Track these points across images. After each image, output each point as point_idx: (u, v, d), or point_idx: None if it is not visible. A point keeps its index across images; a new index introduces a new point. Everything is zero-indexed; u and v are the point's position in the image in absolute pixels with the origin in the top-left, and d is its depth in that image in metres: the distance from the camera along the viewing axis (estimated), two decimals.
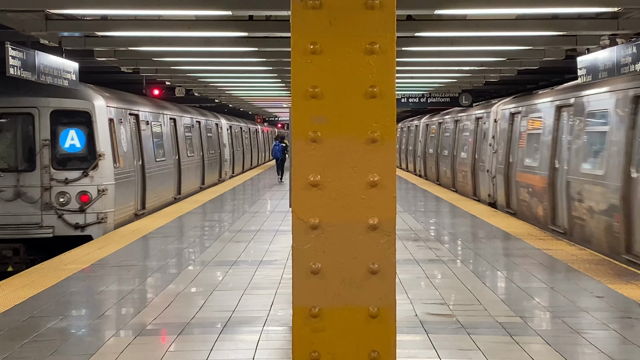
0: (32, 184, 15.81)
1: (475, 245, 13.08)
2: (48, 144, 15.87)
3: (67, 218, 15.83)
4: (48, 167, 15.82)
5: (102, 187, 16.10)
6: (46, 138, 15.87)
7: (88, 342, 6.92)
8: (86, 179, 15.98)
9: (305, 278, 4.09)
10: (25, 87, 15.89)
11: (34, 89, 15.94)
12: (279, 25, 12.24)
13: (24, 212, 15.70)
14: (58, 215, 15.80)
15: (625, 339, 7.02)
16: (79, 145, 16.18)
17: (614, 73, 14.51)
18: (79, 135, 16.17)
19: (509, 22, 12.59)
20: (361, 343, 4.12)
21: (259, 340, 6.99)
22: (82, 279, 9.94)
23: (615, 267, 10.55)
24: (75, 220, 15.88)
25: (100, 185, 16.10)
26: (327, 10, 4.01)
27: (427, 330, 7.27)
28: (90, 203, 15.99)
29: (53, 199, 15.80)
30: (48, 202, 15.79)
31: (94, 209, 16.00)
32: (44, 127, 15.92)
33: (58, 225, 15.84)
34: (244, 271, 10.50)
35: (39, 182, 15.83)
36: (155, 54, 16.07)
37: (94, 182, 16.08)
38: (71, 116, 16.19)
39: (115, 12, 11.87)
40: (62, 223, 15.84)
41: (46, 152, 15.84)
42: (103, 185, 16.13)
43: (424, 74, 21.04)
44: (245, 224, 16.03)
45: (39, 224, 15.75)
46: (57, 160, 15.96)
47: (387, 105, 4.06)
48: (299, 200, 4.08)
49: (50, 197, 15.80)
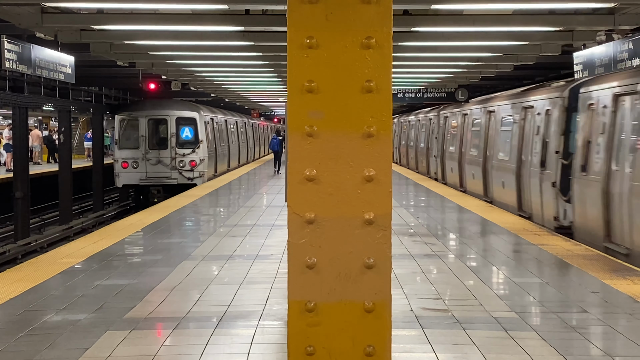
0: (166, 156, 29.32)
1: (470, 241, 13.09)
2: (174, 135, 29.48)
3: (184, 174, 29.39)
4: (174, 147, 29.42)
5: (201, 158, 29.59)
6: (173, 132, 29.49)
7: (83, 336, 6.92)
8: (193, 154, 29.44)
9: (300, 273, 4.09)
10: (162, 105, 29.88)
11: (169, 106, 29.87)
12: (276, 19, 12.21)
13: (162, 171, 29.26)
14: (179, 172, 29.34)
15: (620, 334, 7.03)
16: (190, 135, 29.71)
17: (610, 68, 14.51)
18: (190, 130, 29.68)
19: (505, 18, 12.59)
20: (357, 338, 4.12)
21: (255, 334, 6.99)
22: (77, 273, 9.93)
23: (611, 262, 10.57)
24: (188, 175, 29.43)
25: (200, 157, 29.56)
26: (324, 4, 4.01)
27: (423, 325, 7.28)
28: (196, 166, 29.47)
29: (176, 164, 29.28)
30: (174, 165, 29.35)
31: (197, 169, 29.48)
32: (172, 126, 29.49)
33: (179, 177, 29.32)
34: (240, 266, 10.49)
35: (169, 155, 29.34)
36: (151, 48, 16.03)
37: (197, 156, 29.51)
38: (185, 120, 29.73)
39: (111, 5, 11.84)
40: (181, 177, 29.36)
41: (173, 139, 29.47)
42: (201, 157, 29.60)
43: (421, 69, 21.03)
44: (241, 219, 16.03)
45: (169, 177, 29.34)
46: (179, 143, 29.52)
47: (383, 100, 4.06)
48: (295, 195, 4.08)
49: (175, 163, 29.29)
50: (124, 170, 29.01)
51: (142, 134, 29.11)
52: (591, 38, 14.35)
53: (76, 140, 46.62)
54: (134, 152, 29.04)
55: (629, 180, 11.84)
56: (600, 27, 13.32)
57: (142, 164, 29.07)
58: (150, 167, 28.95)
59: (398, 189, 23.67)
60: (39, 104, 26.38)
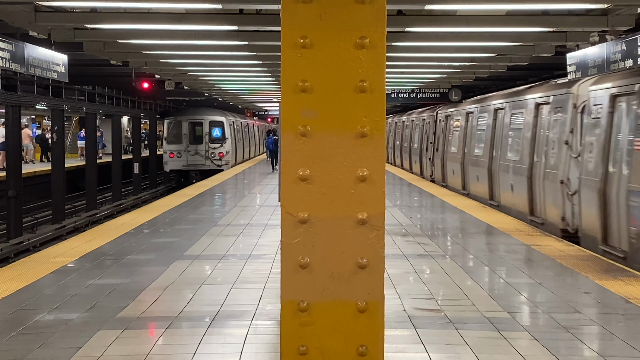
0: (201, 149, 40.10)
1: (463, 241, 13.10)
2: (207, 133, 40.22)
3: (214, 162, 39.86)
4: (207, 142, 40.14)
5: (227, 150, 40.32)
6: (207, 131, 40.25)
7: (76, 335, 6.90)
8: (221, 147, 40.18)
9: (293, 272, 4.09)
10: (199, 111, 40.77)
11: (204, 112, 40.70)
12: (270, 19, 12.21)
13: (198, 160, 40.01)
14: (211, 161, 39.96)
15: (612, 334, 7.05)
16: (219, 134, 40.37)
17: (603, 69, 14.54)
18: (219, 130, 40.39)
19: (499, 18, 12.60)
20: (349, 337, 4.12)
21: (247, 334, 6.98)
22: (70, 272, 9.91)
23: (603, 263, 10.59)
24: (217, 163, 39.78)
25: (226, 150, 40.29)
26: (318, 4, 4.00)
27: (415, 325, 7.28)
28: (224, 157, 40.13)
29: (209, 155, 39.97)
30: (207, 156, 39.97)
31: (224, 158, 40.07)
32: (206, 127, 40.29)
33: (211, 165, 39.76)
34: (233, 265, 10.49)
35: (203, 148, 40.16)
36: (145, 47, 16.01)
37: (224, 149, 40.21)
38: (216, 123, 40.57)
39: (105, 4, 11.82)
40: (212, 164, 39.78)
41: (207, 137, 40.20)
42: (227, 150, 40.33)
43: (414, 69, 21.03)
44: (235, 218, 16.02)
45: (204, 164, 39.83)
46: (211, 139, 40.24)
47: (376, 100, 4.06)
48: (288, 195, 4.08)
49: (208, 154, 39.99)
50: (171, 159, 40.35)
51: (184, 133, 40.25)
52: (584, 39, 14.36)
53: (69, 139, 46.55)
54: (178, 146, 40.11)
55: None
56: (593, 28, 13.34)
57: (184, 154, 40.11)
58: (190, 157, 40.14)
59: (392, 189, 23.69)
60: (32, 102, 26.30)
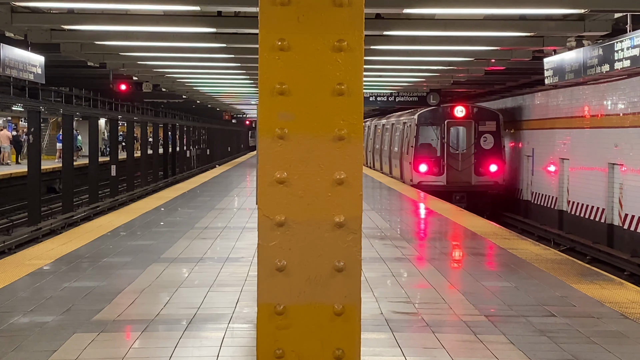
0: None
1: (441, 244, 13.13)
2: None
3: None
4: None
5: None
6: None
7: (51, 338, 6.85)
8: None
9: (270, 275, 4.08)
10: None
11: None
12: (248, 21, 12.20)
13: None
14: None
15: (588, 338, 7.08)
16: None
17: (580, 74, 14.66)
18: None
19: (476, 22, 12.66)
20: (326, 341, 4.12)
21: (224, 337, 6.96)
22: (46, 274, 9.84)
23: (579, 267, 10.64)
24: None
25: None
26: (296, 6, 4.00)
27: (392, 328, 7.28)
28: None
29: None
30: None
31: None
32: None
33: None
34: (210, 268, 10.45)
35: None
36: (122, 49, 15.94)
37: None
38: None
39: (82, 5, 11.76)
40: None
41: None
42: None
43: (392, 73, 21.09)
44: (212, 221, 15.98)
45: None
46: None
47: (354, 103, 4.06)
48: (265, 197, 4.07)
49: None
50: None
51: None
52: (562, 44, 14.46)
53: (46, 141, 46.29)
54: None
55: None
56: (570, 33, 13.43)
57: None
58: None
59: (370, 192, 23.72)
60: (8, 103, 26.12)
